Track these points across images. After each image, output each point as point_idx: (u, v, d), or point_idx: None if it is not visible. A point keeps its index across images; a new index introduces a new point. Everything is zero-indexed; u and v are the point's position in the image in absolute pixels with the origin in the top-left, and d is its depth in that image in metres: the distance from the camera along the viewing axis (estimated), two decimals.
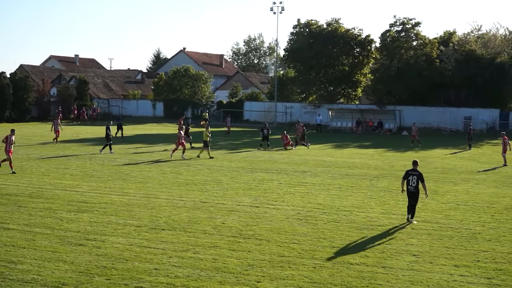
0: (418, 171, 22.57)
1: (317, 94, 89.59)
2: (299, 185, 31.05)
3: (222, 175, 33.89)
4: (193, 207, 24.33)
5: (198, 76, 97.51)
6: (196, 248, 17.98)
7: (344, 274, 15.88)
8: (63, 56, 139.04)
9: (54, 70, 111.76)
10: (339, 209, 24.64)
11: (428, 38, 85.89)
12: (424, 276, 15.81)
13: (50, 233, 19.51)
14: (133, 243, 18.40)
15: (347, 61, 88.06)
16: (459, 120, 78.07)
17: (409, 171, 22.78)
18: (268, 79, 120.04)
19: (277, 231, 20.44)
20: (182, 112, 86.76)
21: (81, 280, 14.97)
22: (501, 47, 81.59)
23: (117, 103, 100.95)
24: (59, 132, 52.73)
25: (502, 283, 15.41)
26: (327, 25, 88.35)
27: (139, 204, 24.73)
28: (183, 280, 15.13)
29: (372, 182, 32.38)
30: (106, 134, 45.20)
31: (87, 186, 29.00)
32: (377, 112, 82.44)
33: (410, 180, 22.45)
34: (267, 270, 16.08)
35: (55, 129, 52.70)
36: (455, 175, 35.70)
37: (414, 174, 22.47)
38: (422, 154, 48.29)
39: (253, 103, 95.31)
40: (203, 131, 43.75)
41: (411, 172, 22.65)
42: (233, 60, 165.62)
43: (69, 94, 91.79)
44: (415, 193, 22.36)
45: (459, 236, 20.17)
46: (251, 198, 26.77)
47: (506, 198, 27.93)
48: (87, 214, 22.59)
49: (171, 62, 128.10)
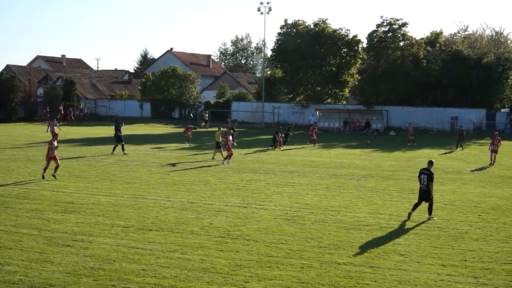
0: (429, 171, 23.00)
1: (305, 94, 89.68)
2: (286, 185, 31.07)
3: (210, 176, 33.86)
4: (180, 208, 24.30)
5: (186, 76, 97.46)
6: (183, 249, 17.96)
7: (332, 274, 15.91)
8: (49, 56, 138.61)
9: (40, 71, 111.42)
10: (327, 209, 24.68)
11: (415, 39, 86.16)
12: (412, 276, 15.86)
13: (37, 234, 19.44)
14: (120, 244, 18.36)
15: (334, 61, 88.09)
16: (446, 120, 78.36)
17: (422, 169, 23.41)
18: (255, 79, 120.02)
19: (264, 231, 20.44)
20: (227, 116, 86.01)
21: (68, 281, 14.93)
22: (487, 47, 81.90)
23: (104, 103, 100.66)
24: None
25: (489, 282, 15.48)
26: (314, 25, 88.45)
27: (126, 205, 24.67)
28: (171, 280, 15.12)
29: (360, 182, 32.44)
30: (116, 134, 44.65)
31: (74, 187, 28.91)
32: (364, 113, 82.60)
33: (421, 179, 23.04)
34: (255, 270, 16.08)
35: (52, 130, 51.40)
36: (442, 175, 35.79)
37: (425, 173, 23.01)
38: (410, 154, 48.45)
39: (240, 104, 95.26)
40: (216, 132, 43.21)
41: (423, 171, 23.24)
42: (221, 61, 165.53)
43: (56, 94, 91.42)
44: (426, 191, 22.87)
45: (446, 236, 20.24)
46: (239, 198, 26.76)
47: (492, 197, 28.06)
48: (74, 215, 22.52)
49: (158, 62, 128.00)
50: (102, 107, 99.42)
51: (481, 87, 77.80)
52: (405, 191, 29.66)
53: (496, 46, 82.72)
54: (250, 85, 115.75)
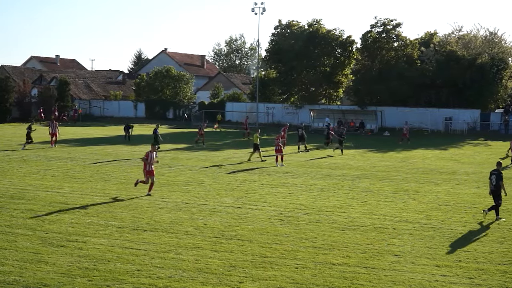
0: (498, 171, 23.37)
1: (299, 94, 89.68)
2: (281, 185, 31.07)
3: (204, 176, 33.86)
4: (175, 208, 24.29)
5: (180, 76, 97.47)
6: (178, 249, 17.96)
7: (326, 274, 15.92)
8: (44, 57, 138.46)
9: (35, 71, 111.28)
10: (321, 209, 24.69)
11: (409, 39, 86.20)
12: (406, 276, 15.88)
13: (31, 234, 19.41)
14: (115, 244, 18.34)
15: (328, 61, 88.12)
16: (440, 120, 78.45)
17: (492, 171, 23.69)
18: (249, 80, 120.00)
19: (259, 231, 20.45)
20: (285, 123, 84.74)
21: (63, 281, 14.91)
22: (481, 48, 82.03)
23: (99, 103, 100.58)
24: (56, 136, 49.57)
25: (484, 283, 15.50)
26: (309, 25, 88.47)
27: (121, 205, 24.65)
28: (165, 281, 15.11)
29: (354, 183, 32.46)
30: (154, 137, 44.70)
31: (68, 187, 28.88)
32: (358, 113, 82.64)
33: (492, 180, 23.37)
34: (249, 270, 16.08)
35: (52, 132, 49.42)
36: (436, 176, 35.87)
37: (495, 174, 23.37)
38: (404, 155, 48.49)
39: (234, 104, 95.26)
40: (254, 134, 42.89)
41: (493, 171, 23.55)
42: (215, 61, 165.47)
43: (50, 95, 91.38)
44: (495, 191, 23.22)
45: (440, 236, 20.27)
46: (233, 198, 26.76)
47: (487, 198, 28.00)
48: (69, 215, 22.49)
49: (152, 62, 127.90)
50: (96, 107, 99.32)
51: (475, 87, 77.89)
52: (399, 191, 29.69)
53: (490, 46, 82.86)
54: (244, 86, 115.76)
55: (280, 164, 39.61)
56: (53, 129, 49.19)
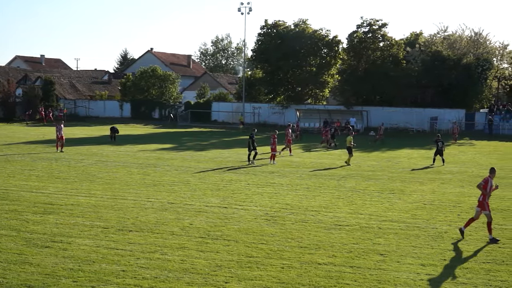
0: None
1: (285, 94, 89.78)
2: (267, 185, 31.06)
3: (190, 176, 33.80)
4: (160, 208, 24.22)
5: (166, 76, 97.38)
6: (163, 249, 17.90)
7: (312, 274, 15.92)
8: (28, 57, 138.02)
9: (19, 71, 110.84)
10: (307, 209, 24.70)
11: (394, 39, 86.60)
12: (391, 275, 15.90)
13: (15, 235, 19.28)
14: (100, 245, 18.26)
15: (314, 61, 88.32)
16: (426, 120, 78.77)
17: None
18: (236, 80, 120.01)
19: (245, 231, 20.42)
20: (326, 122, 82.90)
21: (47, 282, 14.82)
22: (467, 48, 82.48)
23: (84, 103, 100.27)
24: (63, 138, 46.29)
25: (468, 282, 15.55)
26: (295, 25, 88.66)
27: (106, 206, 24.55)
28: (151, 281, 15.06)
29: (340, 182, 32.50)
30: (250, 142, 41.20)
31: (53, 188, 28.73)
32: (344, 113, 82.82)
33: None
34: (235, 270, 16.06)
35: (60, 135, 45.97)
36: (421, 175, 35.98)
37: None
38: (389, 154, 48.65)
39: (221, 104, 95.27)
40: (347, 138, 42.24)
41: None
42: (201, 61, 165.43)
43: (35, 94, 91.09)
44: None
45: (425, 236, 20.32)
46: (219, 198, 26.73)
47: (471, 197, 28.16)
48: (53, 216, 22.37)
49: (138, 62, 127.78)
50: (81, 107, 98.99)
51: (460, 87, 78.32)
52: (385, 191, 29.76)
53: (476, 46, 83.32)
54: (230, 86, 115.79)
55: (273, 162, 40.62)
56: (60, 132, 45.93)
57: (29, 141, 52.10)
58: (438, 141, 41.45)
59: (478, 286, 15.29)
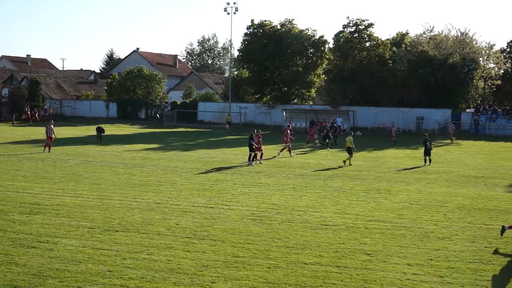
0: None
1: (271, 94, 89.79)
2: (253, 185, 31.06)
3: (176, 176, 33.75)
4: (147, 208, 24.17)
5: (152, 76, 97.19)
6: (150, 249, 17.87)
7: (299, 274, 15.93)
8: (14, 56, 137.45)
9: (5, 71, 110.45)
10: (293, 209, 24.71)
11: (381, 39, 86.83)
12: (378, 275, 15.94)
13: (2, 235, 19.20)
14: (86, 245, 18.20)
15: (300, 61, 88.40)
16: (412, 120, 79.00)
17: None
18: (222, 80, 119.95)
19: (231, 231, 20.41)
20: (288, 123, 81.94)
21: (33, 282, 14.77)
22: (453, 48, 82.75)
23: (70, 103, 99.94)
24: (52, 139, 45.44)
25: (455, 281, 15.60)
26: (281, 25, 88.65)
27: (92, 206, 24.48)
28: (137, 281, 15.03)
29: (326, 182, 32.54)
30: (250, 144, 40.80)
31: (39, 188, 28.61)
32: (331, 113, 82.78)
33: None
34: (221, 270, 16.05)
35: (49, 136, 45.19)
36: (408, 175, 36.08)
37: None
38: (376, 154, 48.74)
39: (207, 104, 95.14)
40: (347, 138, 42.41)
41: None
42: (187, 61, 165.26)
43: (21, 94, 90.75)
44: None
45: (412, 235, 20.37)
46: (206, 198, 26.70)
47: (458, 197, 28.30)
48: (40, 216, 22.28)
49: (124, 62, 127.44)
50: (67, 107, 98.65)
51: (446, 87, 78.58)
52: (371, 191, 29.81)
53: (462, 46, 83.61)
54: (216, 86, 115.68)
55: (259, 161, 40.73)
56: (50, 133, 45.15)
57: (15, 141, 51.89)
58: (426, 141, 41.59)
59: (464, 285, 15.34)
